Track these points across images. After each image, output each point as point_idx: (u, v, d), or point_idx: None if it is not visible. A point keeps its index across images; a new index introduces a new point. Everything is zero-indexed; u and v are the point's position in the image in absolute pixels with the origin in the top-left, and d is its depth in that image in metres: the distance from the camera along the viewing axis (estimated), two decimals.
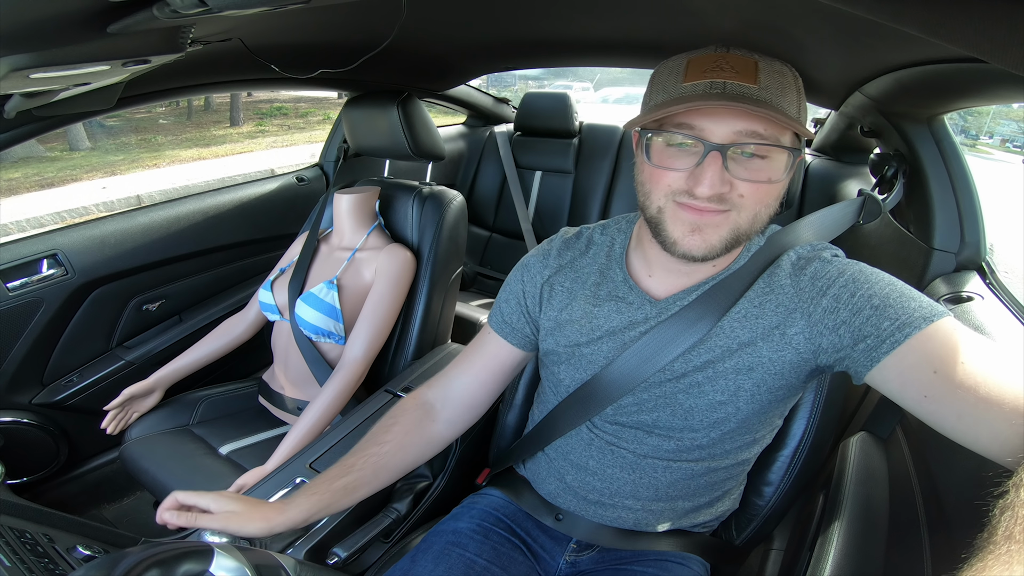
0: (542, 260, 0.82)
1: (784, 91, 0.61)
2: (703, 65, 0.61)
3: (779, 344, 0.66)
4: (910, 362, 0.56)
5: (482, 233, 2.50)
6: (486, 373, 0.86)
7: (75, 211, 5.63)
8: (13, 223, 5.25)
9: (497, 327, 0.85)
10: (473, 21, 1.14)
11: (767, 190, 0.62)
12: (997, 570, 0.35)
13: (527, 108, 2.35)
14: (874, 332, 0.58)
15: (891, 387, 0.58)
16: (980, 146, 7.52)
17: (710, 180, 0.59)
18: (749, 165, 0.61)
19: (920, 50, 0.73)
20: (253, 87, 1.52)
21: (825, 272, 0.65)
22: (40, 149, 7.43)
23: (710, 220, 0.62)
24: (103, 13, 0.60)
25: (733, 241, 0.64)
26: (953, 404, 0.53)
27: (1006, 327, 0.81)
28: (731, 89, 0.59)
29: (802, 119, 0.63)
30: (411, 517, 0.96)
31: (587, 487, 0.80)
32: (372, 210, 1.37)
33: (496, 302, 0.87)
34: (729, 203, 0.61)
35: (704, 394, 0.70)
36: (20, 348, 1.31)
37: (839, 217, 0.88)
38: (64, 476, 1.42)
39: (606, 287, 0.76)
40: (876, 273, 0.63)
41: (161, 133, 9.20)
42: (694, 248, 0.63)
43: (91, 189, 6.44)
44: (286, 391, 1.32)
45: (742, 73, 0.60)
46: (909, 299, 0.58)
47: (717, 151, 0.59)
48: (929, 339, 0.55)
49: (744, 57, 0.61)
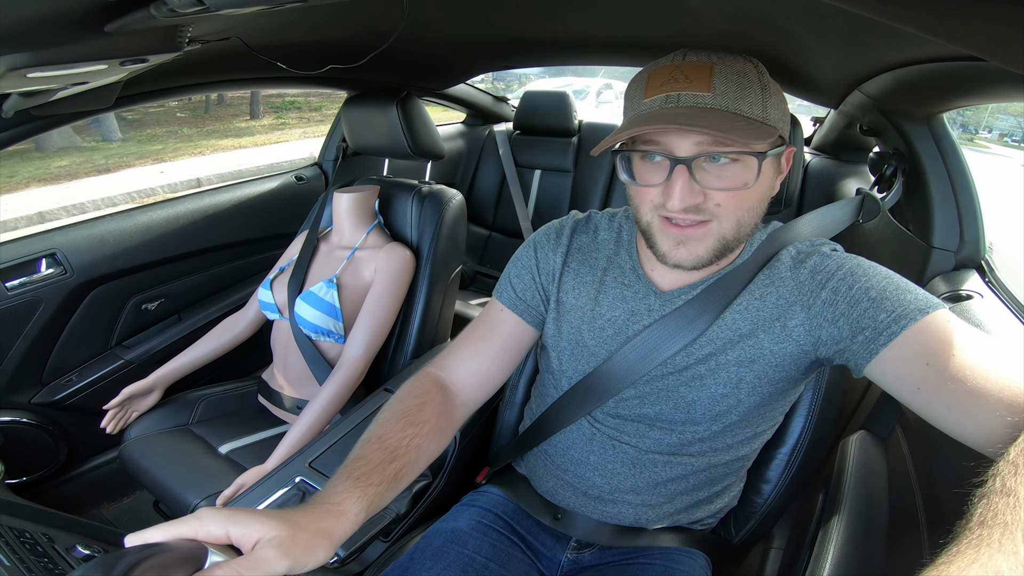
0: (555, 239, 0.81)
1: (744, 91, 0.60)
2: (660, 78, 0.61)
3: (780, 336, 0.67)
4: (906, 355, 0.56)
5: (481, 232, 2.50)
6: (506, 353, 0.82)
7: (144, 192, 5.98)
8: (90, 202, 5.61)
9: (511, 304, 0.82)
10: (473, 20, 1.14)
11: (744, 196, 0.62)
12: (969, 554, 0.37)
13: (526, 107, 2.35)
14: (871, 324, 0.59)
15: (888, 380, 0.59)
16: (978, 140, 7.55)
17: (679, 194, 0.60)
18: (722, 173, 0.61)
19: (919, 49, 0.73)
20: (250, 86, 1.52)
21: (824, 266, 0.66)
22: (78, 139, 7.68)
23: (692, 234, 0.64)
24: (100, 12, 0.60)
25: (721, 249, 0.65)
26: (943, 397, 0.54)
27: (1005, 325, 0.81)
28: (685, 101, 0.59)
29: (770, 115, 0.61)
30: (410, 516, 0.96)
31: (587, 483, 0.80)
32: (371, 209, 1.36)
33: (505, 278, 0.83)
34: (707, 213, 0.62)
35: (706, 387, 0.70)
36: (19, 348, 1.31)
37: (838, 215, 0.88)
38: (64, 476, 1.42)
39: (612, 273, 0.76)
40: (874, 267, 0.64)
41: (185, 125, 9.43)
42: (682, 260, 0.65)
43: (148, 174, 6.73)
44: (285, 390, 1.32)
45: (696, 82, 0.59)
46: (905, 292, 0.59)
47: (682, 164, 0.59)
48: (923, 331, 0.56)
49: (699, 63, 0.60)
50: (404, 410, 0.71)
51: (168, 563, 0.42)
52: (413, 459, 0.67)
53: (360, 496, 0.57)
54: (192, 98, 9.86)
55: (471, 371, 0.80)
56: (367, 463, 0.62)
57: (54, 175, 6.52)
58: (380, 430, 0.68)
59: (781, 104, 0.64)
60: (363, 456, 0.63)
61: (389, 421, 0.69)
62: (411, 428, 0.69)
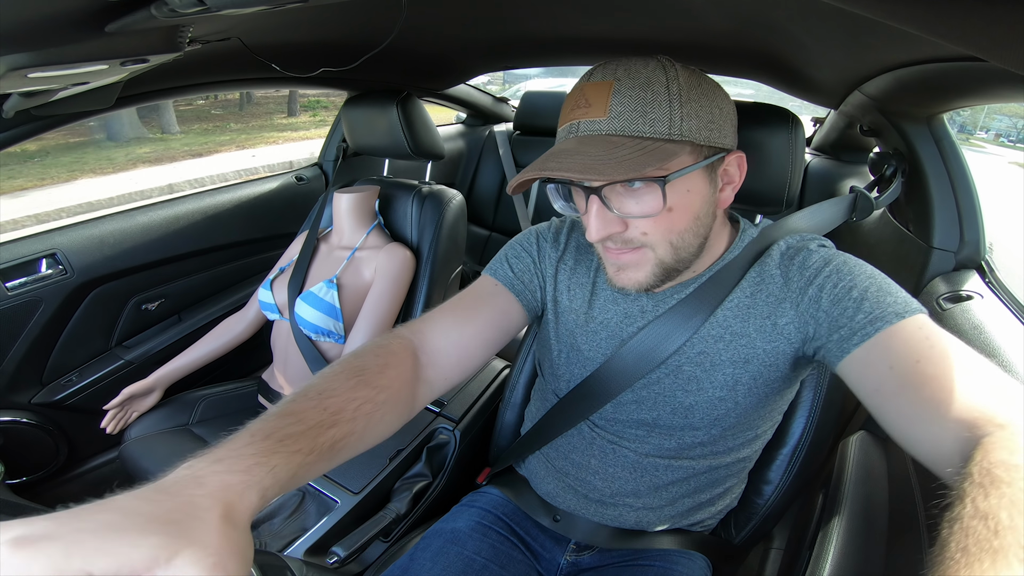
0: (556, 235, 0.81)
1: (647, 107, 0.55)
2: (569, 103, 0.60)
3: (772, 335, 0.66)
4: (873, 356, 0.56)
5: (481, 232, 2.50)
6: (491, 330, 0.72)
7: (247, 170, 6.55)
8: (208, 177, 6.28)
9: (506, 281, 0.76)
10: (473, 20, 1.14)
11: (670, 219, 0.60)
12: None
13: (526, 107, 2.35)
14: (848, 323, 0.58)
15: (852, 379, 0.58)
16: (974, 140, 7.61)
17: (595, 225, 0.58)
18: (639, 197, 0.58)
19: (919, 49, 0.73)
20: (252, 86, 1.51)
21: (812, 262, 0.65)
22: (145, 130, 8.36)
23: (628, 260, 0.62)
24: (101, 12, 0.60)
25: (664, 274, 0.64)
26: (896, 402, 0.52)
27: (1005, 326, 0.81)
28: (584, 129, 0.58)
29: (685, 127, 0.56)
30: (410, 516, 0.96)
31: (588, 486, 0.80)
32: (372, 209, 1.36)
33: (500, 258, 0.79)
34: (636, 241, 0.61)
35: (703, 390, 0.70)
36: (19, 348, 1.31)
37: (830, 213, 0.88)
38: (64, 476, 1.42)
39: (604, 275, 0.75)
40: (860, 265, 0.63)
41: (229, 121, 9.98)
42: (628, 284, 0.64)
43: (240, 157, 7.32)
44: (286, 390, 1.32)
45: (594, 106, 0.57)
46: (886, 293, 0.58)
47: (594, 194, 0.58)
48: (894, 335, 0.55)
49: (601, 83, 0.57)
50: (360, 366, 0.57)
51: None
52: (358, 430, 0.52)
53: (278, 466, 0.41)
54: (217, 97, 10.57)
55: (451, 342, 0.68)
56: (299, 422, 0.47)
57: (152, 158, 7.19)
58: (324, 384, 0.53)
59: (705, 111, 0.58)
60: (295, 412, 0.48)
61: (338, 376, 0.55)
62: (364, 390, 0.55)
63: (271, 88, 1.67)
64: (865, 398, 0.57)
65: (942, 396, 0.49)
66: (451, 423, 1.06)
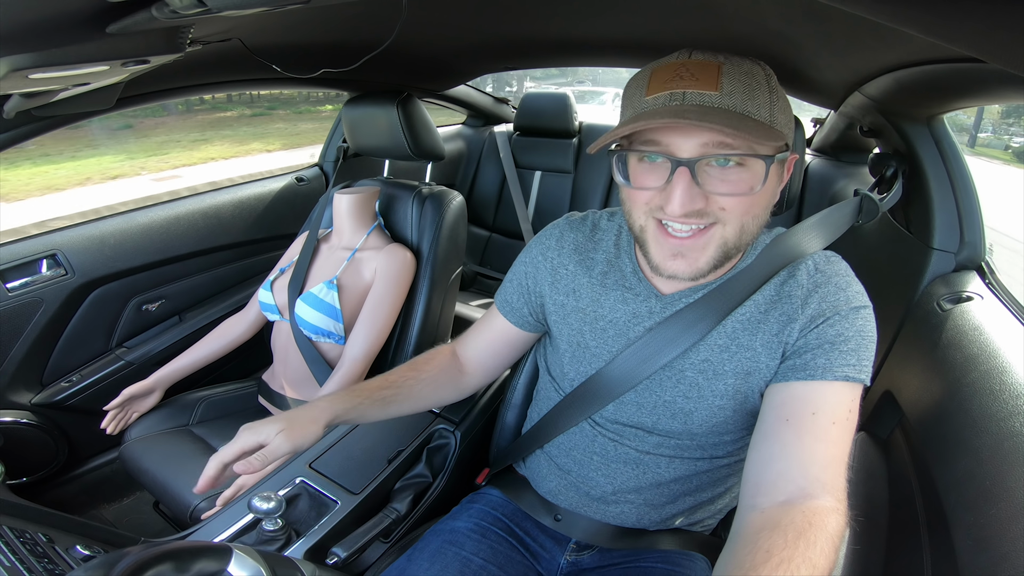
0: (548, 243, 0.82)
1: (753, 93, 0.57)
2: (664, 75, 0.58)
3: (776, 351, 0.67)
4: (783, 397, 0.62)
5: (482, 233, 2.50)
6: (495, 346, 0.91)
7: None
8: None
9: (500, 306, 0.89)
10: (473, 21, 1.14)
11: (751, 201, 0.60)
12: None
13: (527, 108, 2.35)
14: (809, 362, 0.63)
15: (773, 402, 0.64)
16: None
17: (680, 199, 0.57)
18: (726, 176, 0.58)
19: (919, 50, 0.73)
20: (253, 87, 1.52)
21: (835, 300, 0.65)
22: None
23: (692, 244, 0.61)
24: (102, 13, 0.60)
25: (722, 258, 0.63)
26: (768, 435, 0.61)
27: (1005, 327, 0.81)
28: (691, 99, 0.56)
29: (777, 119, 0.59)
30: (411, 517, 0.95)
31: (590, 483, 0.80)
32: (372, 210, 1.37)
33: (504, 283, 0.89)
34: (711, 216, 0.60)
35: (703, 397, 0.70)
36: (20, 348, 1.31)
37: (838, 218, 0.88)
38: (64, 476, 1.42)
39: (613, 275, 0.76)
40: (862, 317, 0.64)
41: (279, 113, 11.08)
42: (679, 272, 0.63)
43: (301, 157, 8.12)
44: (286, 391, 1.32)
45: (703, 80, 0.56)
46: (851, 354, 0.61)
47: (685, 167, 0.56)
48: (812, 390, 0.60)
49: (707, 61, 0.57)
50: (413, 361, 0.89)
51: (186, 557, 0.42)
52: (404, 394, 0.83)
53: (346, 399, 0.77)
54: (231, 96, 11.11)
55: (479, 353, 0.92)
56: (365, 386, 0.81)
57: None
58: (389, 372, 0.85)
59: (787, 110, 0.62)
60: (365, 384, 0.82)
61: (398, 368, 0.87)
62: (412, 372, 0.86)
63: (275, 88, 1.67)
64: (767, 419, 0.63)
65: (806, 455, 0.57)
66: (451, 424, 1.06)
